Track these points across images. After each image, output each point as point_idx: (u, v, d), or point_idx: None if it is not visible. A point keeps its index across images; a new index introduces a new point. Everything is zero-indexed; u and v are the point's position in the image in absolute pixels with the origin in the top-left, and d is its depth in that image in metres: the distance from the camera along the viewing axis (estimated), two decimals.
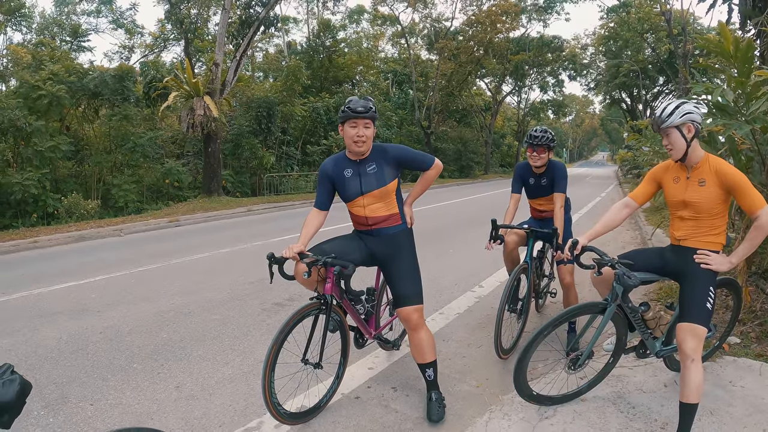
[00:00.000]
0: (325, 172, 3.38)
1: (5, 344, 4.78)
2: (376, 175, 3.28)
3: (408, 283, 3.31)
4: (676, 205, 3.13)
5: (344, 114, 3.15)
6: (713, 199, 2.94)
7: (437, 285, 6.38)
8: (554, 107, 57.02)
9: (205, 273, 7.53)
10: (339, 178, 3.34)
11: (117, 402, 3.63)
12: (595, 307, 3.19)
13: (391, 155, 3.31)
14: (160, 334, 4.98)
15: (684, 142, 2.93)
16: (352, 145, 3.19)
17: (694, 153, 2.97)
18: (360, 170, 3.29)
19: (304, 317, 3.15)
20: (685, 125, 2.91)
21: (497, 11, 37.49)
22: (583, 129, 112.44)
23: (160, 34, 35.79)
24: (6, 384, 1.39)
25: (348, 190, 3.33)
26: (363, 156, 3.28)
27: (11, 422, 1.41)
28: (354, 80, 36.36)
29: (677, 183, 3.11)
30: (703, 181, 2.96)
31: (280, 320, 5.12)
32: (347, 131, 3.17)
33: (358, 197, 3.32)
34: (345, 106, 3.16)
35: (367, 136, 3.18)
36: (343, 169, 3.32)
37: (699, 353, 2.82)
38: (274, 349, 2.97)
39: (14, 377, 1.42)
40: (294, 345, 3.12)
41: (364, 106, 3.13)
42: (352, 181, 3.30)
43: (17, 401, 1.40)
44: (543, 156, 4.43)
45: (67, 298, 6.31)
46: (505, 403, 3.42)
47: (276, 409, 3.02)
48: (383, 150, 3.32)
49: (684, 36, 26.07)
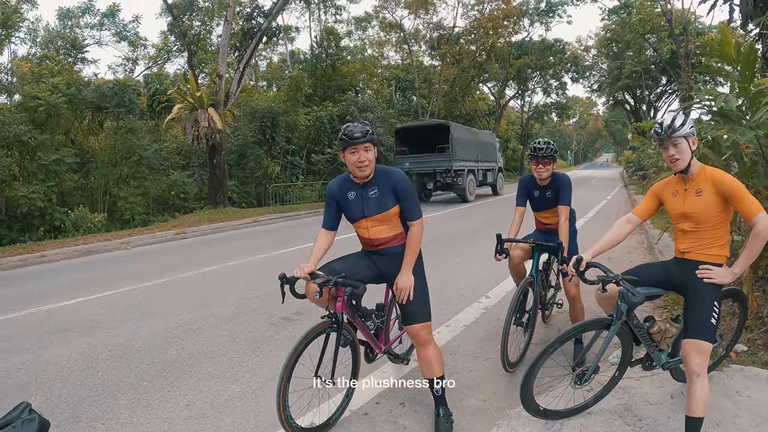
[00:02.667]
0: (331, 193, 3.42)
1: (16, 363, 4.82)
2: (377, 200, 3.30)
3: (416, 301, 3.32)
4: (677, 218, 3.18)
5: (343, 141, 3.16)
6: (711, 208, 2.98)
7: (443, 296, 6.39)
8: (558, 110, 56.99)
9: (213, 287, 7.57)
10: (343, 200, 3.38)
11: (128, 421, 3.66)
12: (601, 323, 3.21)
13: (393, 184, 3.28)
14: (169, 351, 5.02)
15: (690, 153, 3.01)
16: (356, 170, 3.22)
17: (694, 164, 3.04)
18: (363, 194, 3.33)
19: (317, 335, 3.20)
20: (691, 137, 3.00)
21: (499, 15, 37.55)
22: (587, 131, 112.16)
23: (163, 46, 35.94)
24: (25, 423, 1.42)
25: (351, 213, 3.38)
26: (366, 179, 3.30)
27: None
28: (357, 88, 36.34)
29: (676, 196, 3.17)
30: (701, 191, 3.01)
31: (289, 335, 5.19)
32: (348, 158, 3.19)
33: (361, 220, 3.38)
34: (342, 134, 3.17)
35: (369, 160, 3.20)
36: (347, 191, 3.36)
37: (705, 368, 2.84)
38: (290, 365, 3.02)
39: (33, 416, 1.45)
40: (306, 362, 3.15)
41: (361, 131, 3.13)
42: (356, 204, 3.35)
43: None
44: (548, 168, 4.45)
45: (76, 314, 6.35)
46: (513, 418, 3.43)
47: (289, 422, 3.06)
48: (388, 176, 3.31)
49: (686, 36, 26.08)
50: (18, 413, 1.45)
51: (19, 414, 1.44)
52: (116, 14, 36.18)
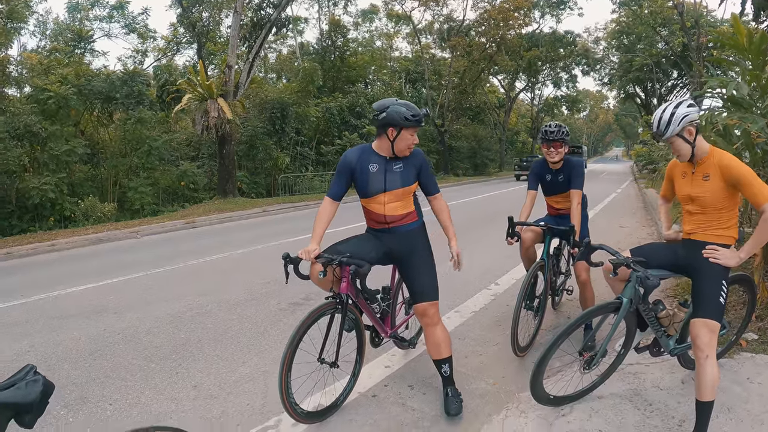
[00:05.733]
0: (349, 162, 3.37)
1: (25, 346, 4.85)
2: (402, 175, 3.32)
3: (425, 279, 3.34)
4: (684, 200, 3.18)
5: (408, 121, 3.18)
6: (717, 193, 2.95)
7: (452, 283, 6.34)
8: (568, 103, 56.76)
9: (222, 274, 7.59)
10: (363, 171, 3.34)
11: (136, 401, 3.67)
12: (609, 307, 3.18)
13: (417, 161, 3.38)
14: (177, 334, 5.03)
15: (688, 146, 2.97)
16: (405, 150, 3.28)
17: (699, 150, 2.99)
18: (387, 167, 3.32)
19: (320, 317, 3.18)
20: (686, 129, 2.93)
21: (509, 7, 37.34)
22: (598, 124, 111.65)
23: (173, 37, 36.12)
24: (29, 384, 1.42)
25: (370, 186, 3.34)
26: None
27: (34, 422, 1.43)
28: (367, 79, 36.33)
29: (684, 178, 3.16)
30: (708, 175, 2.97)
31: (297, 320, 5.17)
32: (405, 136, 3.23)
33: (380, 194, 3.34)
34: (411, 114, 3.18)
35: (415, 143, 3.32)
36: (369, 162, 3.33)
37: (713, 348, 2.81)
38: (290, 350, 3.01)
39: (37, 378, 1.45)
40: (310, 345, 3.15)
41: (422, 117, 3.25)
42: (377, 177, 3.32)
43: (40, 402, 1.43)
44: (560, 150, 4.41)
45: (85, 299, 6.38)
46: (522, 401, 3.42)
47: (293, 408, 3.05)
48: (413, 153, 3.37)
49: (697, 29, 25.85)
50: (23, 375, 1.44)
51: (24, 375, 1.44)
52: (125, 6, 36.34)
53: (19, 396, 1.39)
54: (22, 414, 1.40)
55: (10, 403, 1.38)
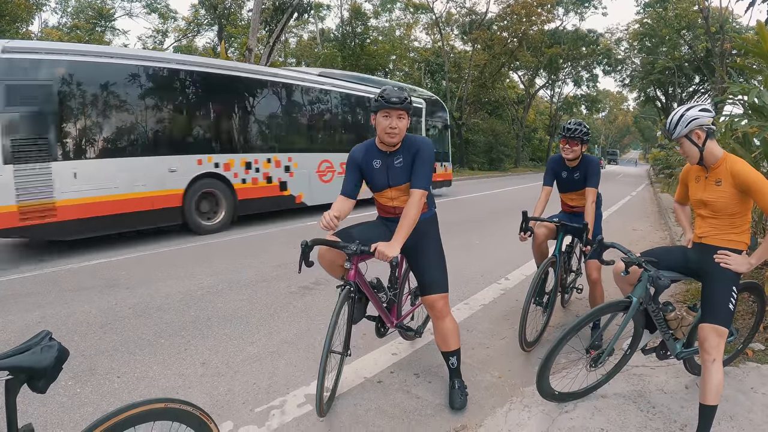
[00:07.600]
0: (355, 159, 3.29)
1: (36, 317, 4.92)
2: (403, 170, 3.20)
3: (434, 270, 3.28)
4: (696, 204, 3.17)
5: (377, 103, 3.05)
6: (729, 198, 2.94)
7: (463, 275, 6.38)
8: (587, 102, 56.34)
9: (235, 255, 7.64)
10: (367, 168, 3.27)
11: (143, 375, 3.72)
12: (618, 305, 3.17)
13: (413, 149, 3.17)
14: (188, 311, 5.08)
15: (696, 149, 2.96)
16: (384, 135, 3.10)
17: (710, 155, 2.97)
18: (388, 162, 3.22)
19: (344, 302, 3.09)
20: (694, 132, 2.93)
21: (533, 3, 37.05)
22: (616, 126, 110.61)
23: (194, 19, 36.10)
24: (44, 350, 1.44)
25: (376, 182, 3.29)
26: (394, 147, 3.20)
27: (47, 387, 1.46)
28: (387, 68, 36.17)
29: (698, 182, 3.14)
30: (720, 181, 2.96)
31: (307, 303, 5.25)
32: (380, 121, 3.08)
33: (386, 189, 3.29)
34: (379, 95, 3.06)
35: (400, 128, 3.08)
36: (372, 159, 3.26)
37: (720, 353, 2.80)
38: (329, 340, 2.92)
39: (52, 344, 1.47)
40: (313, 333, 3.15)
41: (398, 97, 3.01)
42: (380, 173, 3.25)
43: (54, 367, 1.45)
44: (575, 149, 4.39)
45: (98, 274, 6.45)
46: (526, 395, 3.43)
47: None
48: (413, 143, 3.19)
49: (722, 34, 25.55)
50: (38, 339, 1.47)
51: (39, 341, 1.46)
52: None
53: (34, 360, 1.41)
54: (35, 379, 1.43)
55: (25, 367, 1.40)
